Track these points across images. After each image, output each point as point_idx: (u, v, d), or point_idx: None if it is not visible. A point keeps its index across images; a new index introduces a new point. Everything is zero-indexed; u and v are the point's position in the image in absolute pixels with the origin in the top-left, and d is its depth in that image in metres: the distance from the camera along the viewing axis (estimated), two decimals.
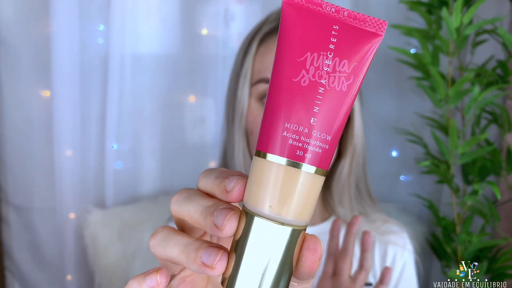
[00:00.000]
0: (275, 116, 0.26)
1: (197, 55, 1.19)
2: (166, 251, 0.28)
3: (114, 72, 1.09)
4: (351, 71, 0.26)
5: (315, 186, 0.26)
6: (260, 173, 0.26)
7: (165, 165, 1.23)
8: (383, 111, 1.35)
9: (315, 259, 0.25)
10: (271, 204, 0.25)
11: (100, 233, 1.04)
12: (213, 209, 0.26)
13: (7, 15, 1.05)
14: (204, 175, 0.30)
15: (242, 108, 0.67)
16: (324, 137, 0.26)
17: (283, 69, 0.26)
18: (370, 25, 0.26)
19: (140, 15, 1.12)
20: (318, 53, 0.26)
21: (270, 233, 0.25)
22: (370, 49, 0.26)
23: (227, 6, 1.18)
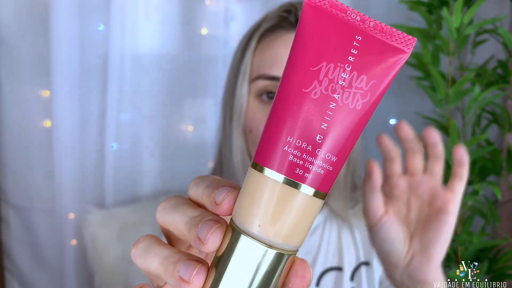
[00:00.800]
0: (278, 127, 0.23)
1: (197, 55, 1.19)
2: (146, 263, 0.26)
3: (114, 72, 1.09)
4: (369, 88, 0.23)
5: (312, 209, 0.23)
6: (254, 187, 0.23)
7: (165, 165, 1.23)
8: (383, 111, 1.35)
9: (303, 286, 0.24)
10: (261, 224, 0.23)
11: (99, 233, 1.04)
12: (198, 221, 0.25)
13: (7, 15, 1.05)
14: (194, 183, 0.28)
15: (241, 105, 0.67)
16: (329, 157, 0.23)
17: (294, 76, 0.23)
18: (396, 40, 0.23)
19: (140, 15, 1.12)
20: (335, 64, 0.23)
21: (255, 255, 0.23)
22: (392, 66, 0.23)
23: (227, 6, 1.18)
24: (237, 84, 0.67)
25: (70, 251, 1.14)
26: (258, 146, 0.24)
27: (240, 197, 0.24)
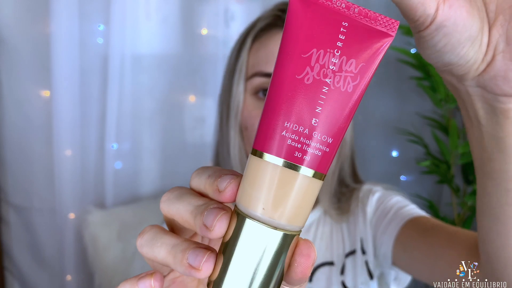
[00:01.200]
0: (274, 113, 0.24)
1: (197, 55, 1.19)
2: (153, 252, 0.27)
3: (114, 72, 1.09)
4: (358, 71, 0.24)
5: (312, 190, 0.25)
6: (255, 173, 0.24)
7: (165, 165, 1.23)
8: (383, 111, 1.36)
9: (308, 265, 0.24)
10: (264, 207, 0.24)
11: (100, 233, 1.04)
12: (204, 209, 0.25)
13: (7, 15, 1.05)
14: (197, 173, 0.28)
15: (237, 103, 0.67)
16: (325, 139, 0.24)
17: (286, 64, 0.24)
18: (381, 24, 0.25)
19: (140, 15, 1.12)
20: (325, 50, 0.24)
21: (261, 237, 0.24)
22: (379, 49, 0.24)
23: (227, 6, 1.18)
24: (233, 82, 0.68)
25: (70, 251, 1.14)
26: (256, 133, 0.25)
27: (243, 183, 0.25)
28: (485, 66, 0.28)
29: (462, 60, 0.27)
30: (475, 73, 0.28)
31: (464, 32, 0.26)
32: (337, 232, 0.71)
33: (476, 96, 0.30)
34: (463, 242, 0.52)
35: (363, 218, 0.69)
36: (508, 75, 0.27)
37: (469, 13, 0.26)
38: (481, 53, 0.27)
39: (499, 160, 0.32)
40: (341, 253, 0.69)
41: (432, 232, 0.58)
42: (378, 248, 0.66)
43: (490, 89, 0.28)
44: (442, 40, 0.27)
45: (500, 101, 0.29)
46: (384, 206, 0.68)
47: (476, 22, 0.26)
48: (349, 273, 0.67)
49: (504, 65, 0.27)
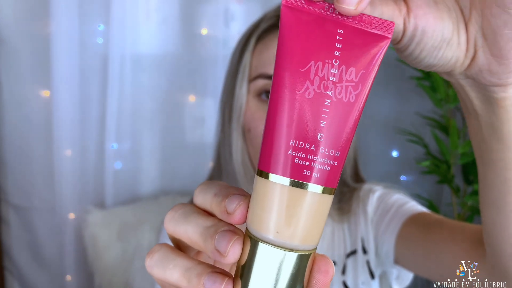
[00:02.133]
0: (277, 132, 0.23)
1: (197, 55, 1.19)
2: (165, 274, 0.26)
3: (114, 72, 1.09)
4: (359, 79, 0.23)
5: (323, 207, 0.24)
6: (263, 195, 0.23)
7: (165, 165, 1.23)
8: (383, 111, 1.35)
9: (327, 281, 0.24)
10: (277, 229, 0.23)
11: (99, 233, 1.04)
12: (214, 231, 0.25)
13: (7, 15, 1.05)
14: (201, 189, 0.27)
15: (240, 105, 0.67)
16: (333, 153, 0.23)
17: (285, 80, 0.23)
18: (376, 27, 0.24)
19: (140, 15, 1.12)
20: (323, 62, 0.23)
21: (276, 260, 0.23)
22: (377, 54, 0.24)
23: (227, 6, 1.18)
24: (236, 84, 0.67)
25: (70, 251, 1.14)
26: (260, 152, 0.24)
27: (252, 206, 0.24)
28: (469, 62, 0.27)
29: (441, 61, 0.27)
30: (461, 68, 0.28)
31: (435, 37, 0.26)
32: (338, 232, 0.71)
33: (469, 87, 0.30)
34: (466, 235, 0.52)
35: (364, 217, 0.69)
36: (492, 69, 0.27)
37: (436, 18, 0.26)
38: (461, 51, 0.27)
39: (498, 149, 0.32)
40: (342, 253, 0.69)
41: (434, 228, 0.58)
42: (380, 246, 0.66)
43: (479, 81, 0.28)
44: (416, 48, 0.27)
45: (492, 91, 0.29)
46: (385, 204, 0.68)
47: (447, 24, 0.26)
48: (350, 273, 0.67)
49: (486, 59, 0.27)
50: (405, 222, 0.63)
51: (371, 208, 0.69)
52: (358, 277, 0.66)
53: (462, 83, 0.30)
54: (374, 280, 0.67)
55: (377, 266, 0.67)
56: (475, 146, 0.34)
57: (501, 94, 0.28)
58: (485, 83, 0.28)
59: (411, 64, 0.29)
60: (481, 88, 0.29)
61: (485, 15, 0.26)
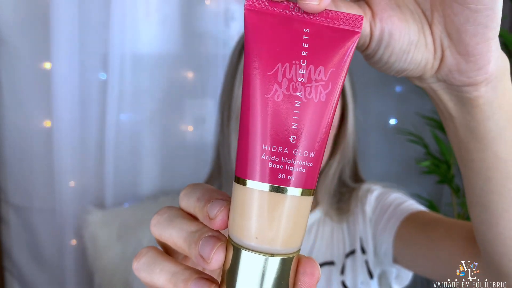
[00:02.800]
0: (250, 137, 0.23)
1: (197, 55, 1.19)
2: (152, 278, 0.26)
3: (114, 72, 1.09)
4: (329, 77, 0.23)
5: (303, 209, 0.23)
6: (241, 202, 0.23)
7: (165, 165, 1.23)
8: (383, 111, 1.35)
9: (313, 283, 0.24)
10: (257, 236, 0.23)
11: (99, 233, 1.04)
12: (198, 237, 0.25)
13: (7, 15, 1.05)
14: (185, 193, 0.27)
15: (239, 105, 0.67)
16: (307, 154, 0.23)
17: (253, 84, 0.23)
18: (344, 23, 0.23)
19: (140, 15, 1.12)
20: (290, 63, 0.22)
21: (260, 265, 0.23)
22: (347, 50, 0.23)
23: (227, 6, 1.18)
24: (234, 84, 0.68)
25: (70, 251, 1.14)
26: (236, 159, 0.24)
27: (232, 213, 0.24)
28: (438, 63, 0.27)
29: (412, 65, 0.27)
30: (431, 71, 0.28)
31: (402, 39, 0.26)
32: (337, 232, 0.71)
33: (441, 90, 0.30)
34: (463, 233, 0.52)
35: (362, 217, 0.69)
36: (461, 68, 0.27)
37: (401, 20, 0.26)
38: (430, 53, 0.27)
39: (476, 149, 0.32)
40: (342, 253, 0.69)
41: (431, 226, 0.58)
42: (379, 246, 0.66)
43: (450, 82, 0.28)
44: (385, 52, 0.27)
45: (464, 91, 0.28)
46: (383, 204, 0.68)
47: (412, 26, 0.26)
48: (349, 272, 0.67)
49: (453, 59, 0.27)
50: (403, 220, 0.63)
51: (370, 207, 0.69)
52: (357, 277, 0.66)
53: (434, 87, 0.30)
54: (373, 279, 0.67)
55: (376, 266, 0.67)
56: (455, 148, 0.35)
57: (474, 93, 0.28)
58: (457, 84, 0.28)
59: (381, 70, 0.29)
60: (453, 89, 0.29)
61: (447, 15, 0.26)
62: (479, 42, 0.26)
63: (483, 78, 0.27)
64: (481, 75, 0.27)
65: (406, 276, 0.67)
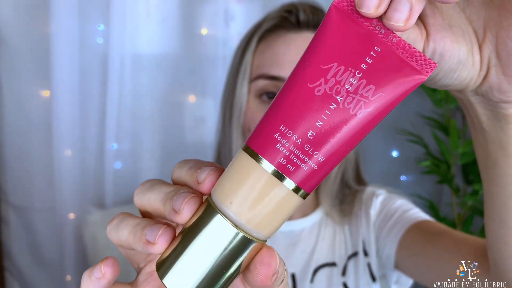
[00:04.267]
0: (274, 114, 0.23)
1: (197, 55, 1.19)
2: (118, 235, 0.27)
3: (114, 72, 1.09)
4: (375, 99, 0.22)
5: (289, 204, 0.23)
6: (239, 170, 0.24)
7: (165, 165, 1.23)
8: None
9: (268, 274, 0.24)
10: (238, 207, 0.23)
11: (99, 233, 1.04)
12: (173, 194, 0.25)
13: (7, 15, 1.05)
14: (178, 166, 0.28)
15: (241, 104, 0.67)
16: (317, 156, 0.23)
17: (303, 70, 0.23)
18: (416, 61, 0.23)
19: (140, 15, 1.12)
20: (346, 68, 0.23)
21: (225, 235, 0.23)
22: (404, 85, 0.23)
23: (227, 6, 1.18)
24: (237, 84, 0.67)
25: (70, 251, 1.14)
26: (254, 129, 0.24)
27: (223, 176, 0.24)
28: (481, 80, 0.28)
29: (457, 81, 0.28)
30: (473, 87, 0.28)
31: (452, 60, 0.26)
32: (339, 233, 0.71)
33: (477, 103, 0.30)
34: (471, 248, 0.52)
35: (366, 220, 0.69)
36: (502, 88, 0.27)
37: (453, 41, 0.26)
38: (475, 70, 0.27)
39: (503, 165, 0.32)
40: (344, 255, 0.68)
41: (438, 237, 0.57)
42: (381, 250, 0.66)
43: (488, 98, 0.29)
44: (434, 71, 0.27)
45: (501, 107, 0.29)
46: (388, 209, 0.68)
47: (462, 46, 0.26)
48: (351, 275, 0.67)
49: (497, 79, 0.27)
50: (409, 228, 0.62)
51: (374, 211, 0.69)
52: (359, 279, 0.66)
53: (471, 100, 0.30)
54: (376, 282, 0.67)
55: (379, 269, 0.67)
56: (480, 161, 0.35)
57: (510, 110, 0.29)
58: (494, 100, 0.28)
59: (426, 84, 0.30)
60: (489, 104, 0.29)
61: (500, 37, 0.26)
62: None
63: None
64: None
65: (406, 282, 0.67)
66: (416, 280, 0.64)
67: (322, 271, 0.67)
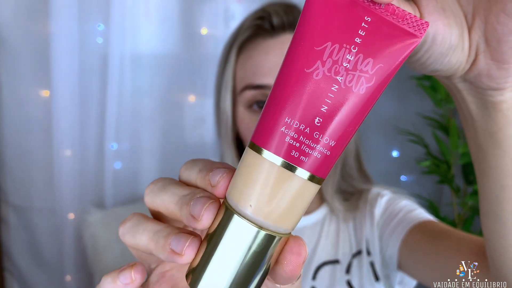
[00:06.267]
0: (276, 107, 0.22)
1: (197, 55, 1.19)
2: (135, 239, 0.26)
3: (114, 72, 1.09)
4: (375, 72, 0.22)
5: (306, 194, 0.23)
6: (248, 167, 0.23)
7: (164, 165, 1.23)
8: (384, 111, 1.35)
9: (299, 263, 0.24)
10: (254, 205, 0.23)
11: (99, 233, 1.04)
12: (190, 198, 0.24)
13: (7, 15, 1.05)
14: (186, 167, 0.27)
15: (226, 117, 0.68)
16: (327, 141, 0.22)
17: (297, 55, 0.22)
18: (408, 24, 0.22)
19: (140, 15, 1.12)
20: (340, 45, 0.22)
21: (247, 235, 0.23)
22: (401, 51, 0.22)
23: (227, 5, 1.18)
24: (220, 97, 0.68)
25: (70, 251, 1.14)
26: (257, 125, 0.24)
27: (235, 177, 0.24)
28: (469, 66, 0.27)
29: (446, 67, 0.27)
30: (461, 72, 0.28)
31: (444, 44, 0.26)
32: (343, 231, 0.71)
33: (466, 91, 0.30)
34: (472, 248, 0.51)
35: (370, 219, 0.69)
36: (491, 73, 0.27)
37: (445, 24, 0.26)
38: (464, 56, 0.27)
39: (494, 155, 0.32)
40: (347, 252, 0.68)
41: (440, 237, 0.57)
42: (384, 250, 0.66)
43: (476, 85, 0.28)
44: (424, 55, 0.26)
45: (489, 95, 0.28)
46: (392, 209, 0.68)
47: (454, 31, 0.26)
48: (355, 273, 0.67)
49: (486, 64, 0.27)
50: (411, 228, 0.62)
51: (379, 211, 0.69)
52: (363, 278, 0.66)
53: (459, 87, 0.30)
54: (379, 282, 0.67)
55: (382, 269, 0.67)
56: (472, 152, 0.34)
57: (498, 97, 0.28)
58: (482, 87, 0.28)
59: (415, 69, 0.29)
60: (478, 92, 0.29)
61: (489, 22, 0.26)
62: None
63: (510, 84, 0.27)
64: (509, 82, 0.27)
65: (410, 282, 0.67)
66: (419, 280, 0.63)
67: (324, 269, 0.67)
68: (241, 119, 0.67)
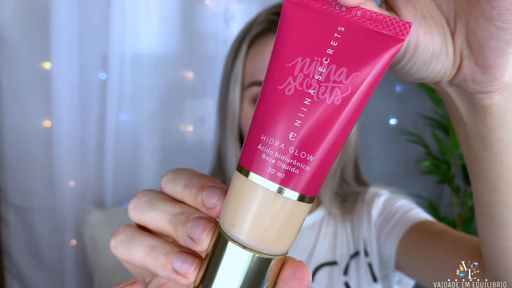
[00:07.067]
0: (254, 127, 0.22)
1: (197, 55, 1.19)
2: (129, 253, 0.26)
3: (114, 72, 1.09)
4: (350, 81, 0.21)
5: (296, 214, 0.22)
6: (235, 190, 0.23)
7: (165, 165, 1.23)
8: (383, 111, 1.35)
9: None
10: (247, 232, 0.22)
11: (99, 233, 1.04)
12: (185, 218, 0.24)
13: (7, 15, 1.05)
14: (168, 179, 0.27)
15: (233, 111, 0.67)
16: (304, 156, 0.21)
17: (270, 74, 0.22)
18: (388, 27, 0.22)
19: (140, 15, 1.12)
20: (311, 58, 0.21)
21: (243, 261, 0.23)
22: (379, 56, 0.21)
23: (227, 5, 1.18)
24: (229, 90, 0.68)
25: (70, 251, 1.14)
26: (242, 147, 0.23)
27: (226, 200, 0.24)
28: (455, 71, 0.27)
29: (432, 74, 0.27)
30: (448, 78, 0.28)
31: (426, 52, 0.26)
32: (341, 232, 0.70)
33: (455, 95, 0.30)
34: (468, 248, 0.51)
35: (367, 220, 0.69)
36: (476, 78, 0.27)
37: (427, 32, 0.25)
38: (449, 62, 0.27)
39: (485, 158, 0.32)
40: (345, 253, 0.68)
41: (437, 237, 0.57)
42: (382, 250, 0.66)
43: (463, 89, 0.28)
44: (408, 64, 0.26)
45: (477, 98, 0.28)
46: (390, 209, 0.68)
47: (436, 38, 0.26)
48: (353, 274, 0.67)
49: (470, 69, 0.26)
50: (409, 229, 0.62)
51: (376, 211, 0.69)
52: (361, 279, 0.66)
53: (448, 91, 0.29)
54: (377, 283, 0.67)
55: (380, 269, 0.67)
56: (464, 155, 0.34)
57: (487, 101, 0.28)
58: (470, 91, 0.28)
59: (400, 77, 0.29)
60: (466, 95, 0.29)
61: (470, 27, 0.25)
62: (499, 57, 0.25)
63: (497, 87, 0.27)
64: (495, 86, 0.27)
65: (409, 282, 0.67)
66: (417, 280, 0.64)
67: (323, 270, 0.67)
68: (245, 113, 0.67)
